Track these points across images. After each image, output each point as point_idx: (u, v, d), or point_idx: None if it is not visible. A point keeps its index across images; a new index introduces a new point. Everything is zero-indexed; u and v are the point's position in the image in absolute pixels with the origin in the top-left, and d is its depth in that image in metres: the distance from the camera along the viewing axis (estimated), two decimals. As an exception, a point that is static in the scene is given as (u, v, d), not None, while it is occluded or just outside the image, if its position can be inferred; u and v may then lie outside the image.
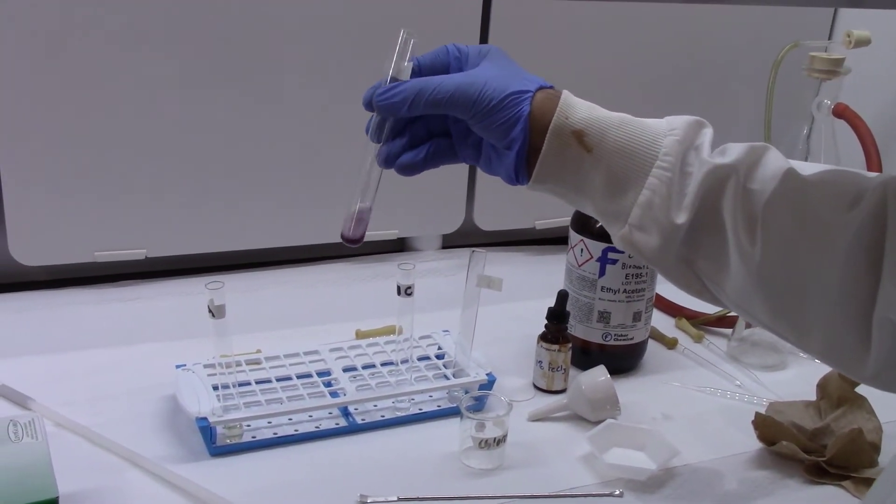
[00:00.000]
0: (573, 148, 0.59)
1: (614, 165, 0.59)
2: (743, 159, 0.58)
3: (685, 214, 0.57)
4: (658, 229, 0.58)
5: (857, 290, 0.54)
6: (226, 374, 0.83)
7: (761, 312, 0.59)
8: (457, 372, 0.91)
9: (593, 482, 0.81)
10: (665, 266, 0.60)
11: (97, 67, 1.05)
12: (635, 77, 1.33)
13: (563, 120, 0.59)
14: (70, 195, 1.09)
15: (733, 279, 0.58)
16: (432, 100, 0.59)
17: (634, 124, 0.59)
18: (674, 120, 0.60)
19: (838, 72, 1.18)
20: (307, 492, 0.77)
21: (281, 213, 1.20)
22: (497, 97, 0.58)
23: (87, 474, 0.76)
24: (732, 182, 0.57)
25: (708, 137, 0.60)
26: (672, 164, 0.58)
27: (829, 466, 0.82)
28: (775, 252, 0.56)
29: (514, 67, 0.61)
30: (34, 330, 1.03)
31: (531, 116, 0.59)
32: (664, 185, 0.58)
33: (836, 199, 0.55)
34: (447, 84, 0.59)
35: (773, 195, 0.56)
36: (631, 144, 0.58)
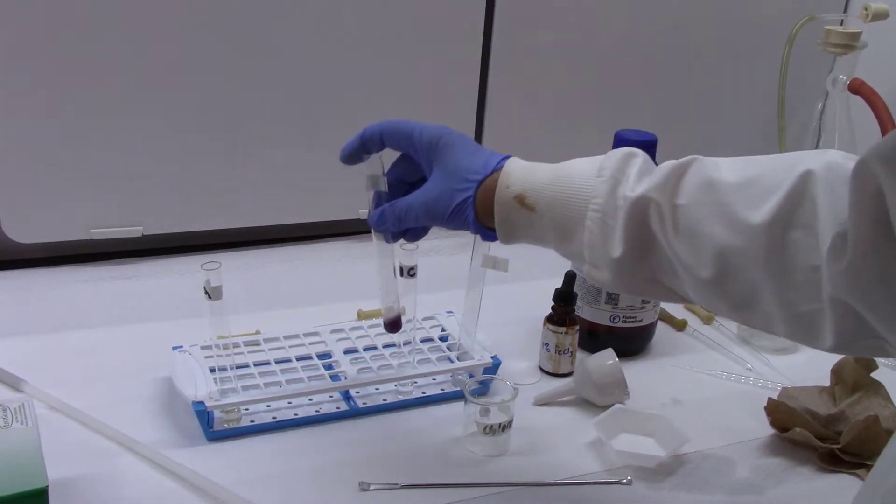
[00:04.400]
0: (519, 211, 0.67)
1: (557, 217, 0.65)
2: (668, 178, 0.62)
3: (620, 247, 0.62)
4: (605, 265, 0.64)
5: (801, 279, 0.57)
6: (223, 356, 0.81)
7: (724, 311, 0.63)
8: (461, 355, 0.89)
9: (601, 469, 0.79)
10: (625, 291, 0.67)
11: (92, 43, 1.02)
12: (648, 52, 1.30)
13: (504, 189, 0.67)
14: (65, 171, 1.07)
15: (689, 287, 0.62)
16: (406, 221, 0.71)
17: (565, 175, 0.66)
18: (606, 160, 0.65)
19: (854, 46, 1.15)
20: (307, 478, 0.75)
21: (282, 190, 1.18)
22: (446, 213, 0.68)
23: (79, 459, 0.75)
24: (654, 206, 0.62)
25: (636, 168, 0.64)
26: (601, 204, 0.63)
27: (843, 454, 0.80)
28: (712, 260, 0.59)
29: (457, 164, 0.68)
30: (28, 309, 1.02)
31: (477, 208, 0.68)
32: (597, 226, 0.63)
33: (756, 199, 0.58)
34: (412, 209, 0.70)
35: (700, 206, 0.60)
36: (565, 196, 0.65)
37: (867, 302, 0.53)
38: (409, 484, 0.75)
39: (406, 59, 1.18)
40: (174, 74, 1.07)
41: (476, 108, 1.23)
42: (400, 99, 1.19)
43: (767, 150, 1.34)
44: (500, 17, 1.19)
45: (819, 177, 0.56)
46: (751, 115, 1.39)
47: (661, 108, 1.34)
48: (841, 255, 0.53)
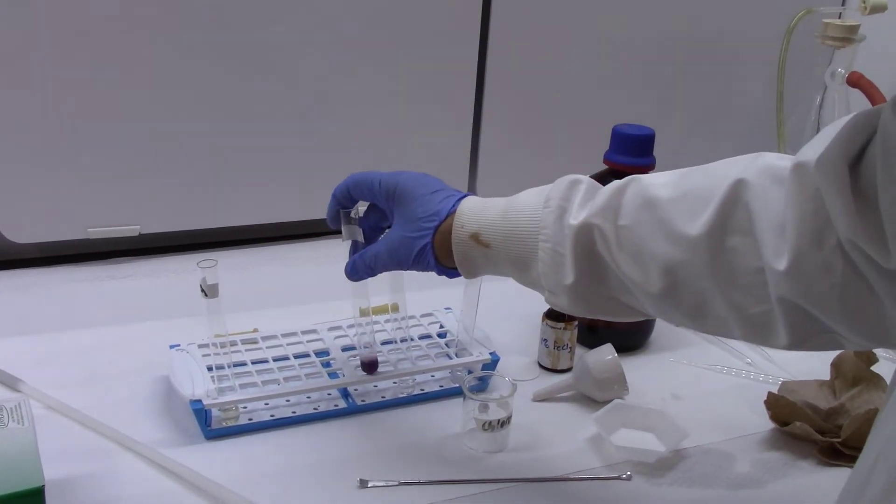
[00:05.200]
0: (475, 248, 0.69)
1: (511, 251, 0.67)
2: (608, 202, 0.63)
3: (571, 273, 0.64)
4: (561, 291, 0.66)
5: (746, 282, 0.58)
6: (221, 354, 0.81)
7: (681, 320, 0.64)
8: (459, 351, 0.88)
9: (600, 465, 0.78)
10: (587, 314, 0.67)
11: (88, 42, 1.01)
12: (646, 46, 1.30)
13: (459, 230, 0.69)
14: (61, 170, 1.06)
15: (644, 302, 0.64)
16: (377, 268, 0.75)
17: (515, 210, 0.67)
18: (552, 189, 0.67)
19: (853, 39, 1.15)
20: (306, 475, 0.75)
21: (279, 188, 1.17)
22: (409, 260, 0.71)
23: (76, 459, 0.74)
24: (597, 230, 0.63)
25: (580, 195, 0.65)
26: (550, 234, 0.65)
27: (844, 448, 0.80)
28: (662, 275, 0.60)
29: (414, 213, 0.71)
30: (25, 309, 1.01)
31: (436, 252, 0.70)
32: (549, 256, 0.65)
33: (692, 211, 0.59)
34: (379, 259, 0.74)
35: (641, 225, 0.62)
36: (516, 229, 0.67)
37: (812, 299, 0.54)
38: (408, 481, 0.74)
39: (403, 58, 1.17)
40: (171, 73, 1.06)
41: (473, 102, 1.23)
42: (396, 98, 1.18)
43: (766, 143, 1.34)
44: (497, 10, 1.19)
45: (751, 183, 0.57)
46: (749, 109, 1.39)
47: (659, 102, 1.33)
48: (781, 256, 0.55)
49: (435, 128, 1.22)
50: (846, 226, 0.50)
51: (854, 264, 0.52)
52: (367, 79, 1.16)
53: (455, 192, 0.72)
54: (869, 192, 0.50)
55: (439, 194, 0.71)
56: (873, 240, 0.49)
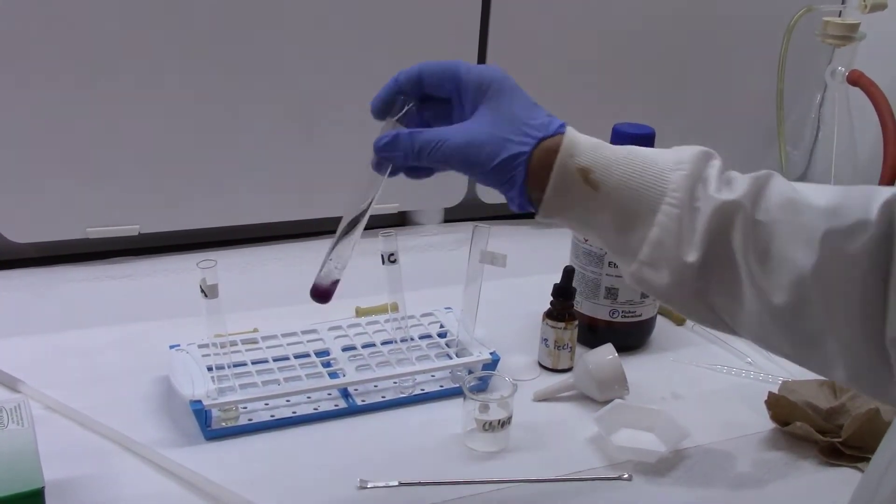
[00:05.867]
0: (578, 185, 0.58)
1: (622, 202, 0.58)
2: (749, 191, 0.57)
3: (696, 252, 0.56)
4: (668, 267, 0.57)
5: (873, 315, 0.53)
6: (221, 354, 0.81)
7: (782, 346, 0.58)
8: (460, 351, 0.88)
9: (601, 465, 0.78)
10: (677, 302, 0.59)
11: (88, 41, 1.01)
12: (646, 45, 1.30)
13: (567, 158, 0.58)
14: (61, 170, 1.06)
15: (749, 314, 0.57)
16: (430, 158, 0.61)
17: (640, 159, 0.58)
18: (681, 153, 0.59)
19: (853, 37, 1.14)
20: (305, 476, 0.75)
21: (278, 188, 1.17)
22: (490, 163, 0.59)
23: (76, 460, 0.74)
24: (740, 217, 0.56)
25: (715, 169, 0.58)
26: (680, 200, 0.57)
27: (844, 447, 0.80)
28: (790, 285, 0.54)
29: (514, 111, 0.60)
30: (24, 309, 1.01)
31: (530, 168, 0.58)
32: (673, 222, 0.57)
33: (844, 226, 0.53)
34: (445, 147, 0.60)
35: (783, 226, 0.55)
36: (638, 181, 0.57)
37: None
38: (407, 481, 0.74)
39: (404, 57, 1.16)
40: (170, 73, 1.06)
41: (473, 102, 1.23)
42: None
43: (766, 141, 1.33)
44: (497, 9, 1.19)
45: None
46: (749, 107, 1.39)
47: (659, 101, 1.33)
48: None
49: (435, 127, 1.22)
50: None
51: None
52: (368, 79, 1.15)
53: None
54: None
55: (542, 109, 0.61)
56: None
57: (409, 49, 1.17)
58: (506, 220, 1.30)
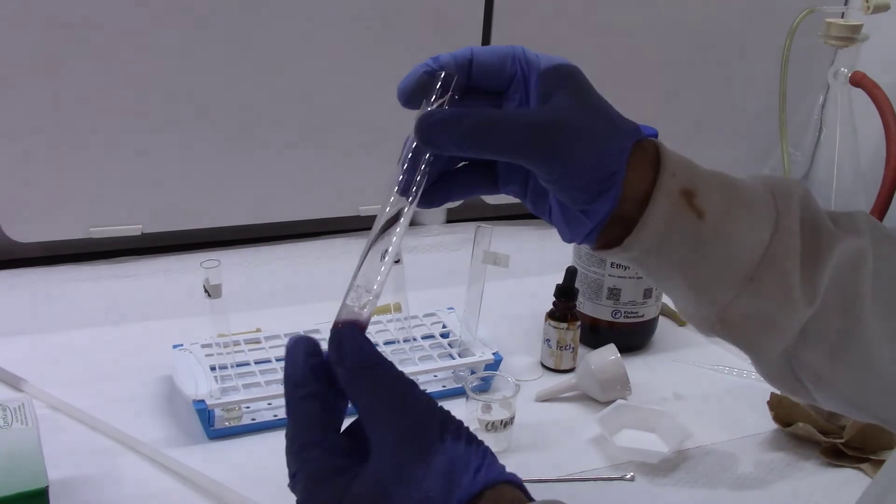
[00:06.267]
0: (685, 211, 0.45)
1: (732, 234, 0.46)
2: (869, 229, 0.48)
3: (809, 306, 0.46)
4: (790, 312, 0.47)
5: None
6: (224, 354, 0.81)
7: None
8: (462, 351, 0.88)
9: (603, 465, 0.78)
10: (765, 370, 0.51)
11: (90, 41, 1.01)
12: (648, 46, 1.30)
13: (668, 178, 0.45)
14: (64, 170, 1.06)
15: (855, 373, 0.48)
16: (500, 145, 0.43)
17: (734, 180, 0.48)
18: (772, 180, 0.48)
19: (855, 38, 1.14)
20: (308, 476, 0.75)
21: (282, 187, 1.17)
22: (589, 155, 0.44)
23: (80, 459, 0.74)
24: (869, 258, 0.47)
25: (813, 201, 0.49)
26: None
27: (846, 448, 0.80)
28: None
29: (600, 102, 0.48)
30: (28, 308, 1.01)
31: (629, 163, 0.45)
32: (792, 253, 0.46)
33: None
34: (522, 126, 0.43)
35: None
36: (747, 208, 0.46)
37: None
38: (411, 481, 0.74)
39: (405, 57, 1.17)
40: (172, 73, 1.06)
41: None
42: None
43: (769, 142, 1.33)
44: (499, 9, 1.18)
45: None
46: (752, 109, 1.39)
47: (661, 101, 1.33)
48: None
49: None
50: None
51: None
52: (371, 80, 1.16)
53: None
54: None
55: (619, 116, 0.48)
56: None
57: (410, 49, 1.17)
58: (509, 220, 1.30)
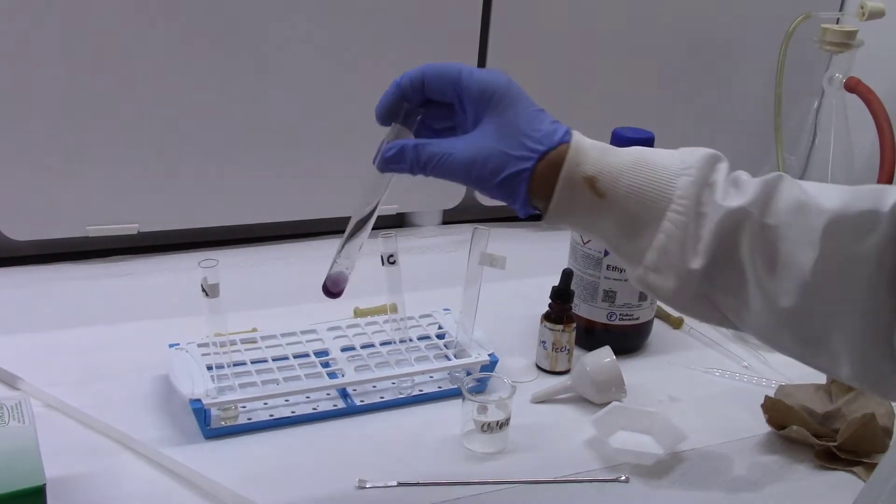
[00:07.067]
0: (586, 193, 0.58)
1: (628, 209, 0.58)
2: (758, 196, 0.57)
3: (701, 259, 0.57)
4: (674, 272, 0.57)
5: (881, 315, 0.53)
6: (220, 353, 0.81)
7: (788, 345, 0.58)
8: (458, 352, 0.88)
9: (599, 467, 0.79)
10: (682, 305, 0.60)
11: (87, 40, 1.01)
12: (645, 50, 1.30)
13: (574, 167, 0.58)
14: (61, 168, 1.06)
15: (756, 314, 0.57)
16: (434, 171, 0.61)
17: (647, 165, 0.58)
18: (687, 156, 0.59)
19: (851, 44, 1.15)
20: (304, 475, 0.75)
21: (278, 188, 1.17)
22: (494, 179, 0.59)
23: (76, 458, 0.74)
24: (748, 223, 0.56)
25: (722, 173, 0.58)
26: (686, 206, 0.57)
27: (840, 451, 0.80)
28: (797, 288, 0.55)
29: (517, 122, 0.59)
30: (24, 307, 1.01)
31: (533, 182, 0.59)
32: (678, 229, 0.57)
33: (854, 228, 0.54)
34: (450, 161, 0.60)
35: (792, 230, 0.55)
36: (644, 187, 0.58)
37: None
38: (406, 481, 0.74)
39: (403, 57, 1.17)
40: (170, 72, 1.06)
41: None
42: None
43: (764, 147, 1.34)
44: (497, 13, 1.19)
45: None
46: (747, 113, 1.39)
47: (658, 106, 1.34)
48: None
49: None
50: None
51: None
52: (368, 80, 1.16)
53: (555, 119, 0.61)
54: None
55: (546, 115, 0.60)
56: None
57: (409, 50, 1.17)
58: (505, 222, 1.31)
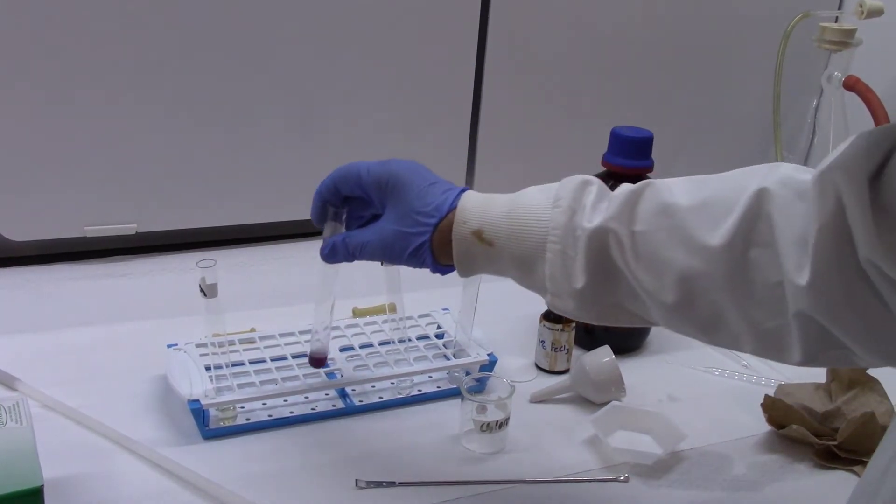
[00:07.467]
0: (477, 246, 0.66)
1: (516, 251, 0.65)
2: (622, 207, 0.61)
3: (582, 277, 0.62)
4: (567, 294, 0.63)
5: (764, 296, 0.57)
6: (219, 354, 0.81)
7: (690, 333, 0.62)
8: (457, 352, 0.88)
9: (598, 466, 0.78)
10: (591, 319, 0.65)
11: (85, 40, 1.01)
12: (644, 49, 1.30)
13: (461, 226, 0.66)
14: (59, 168, 1.06)
15: (653, 311, 0.62)
16: (362, 257, 0.71)
17: (522, 208, 0.65)
18: (560, 189, 0.64)
19: (849, 43, 1.15)
20: (303, 476, 0.75)
21: (277, 187, 1.17)
22: (403, 255, 0.68)
23: (74, 458, 0.74)
24: (614, 236, 0.61)
25: (592, 196, 0.63)
26: (560, 235, 0.63)
27: (839, 451, 0.80)
28: (676, 284, 0.59)
29: (410, 204, 0.67)
30: (21, 307, 1.01)
31: (434, 249, 0.67)
32: (557, 257, 0.63)
33: (713, 221, 0.58)
34: (368, 248, 0.70)
35: (659, 232, 0.60)
36: (522, 229, 0.64)
37: (832, 316, 0.53)
38: (405, 481, 0.74)
39: (402, 57, 1.17)
40: (168, 72, 1.06)
41: (471, 104, 1.23)
42: (395, 97, 1.18)
43: (763, 146, 1.34)
44: (496, 11, 1.19)
45: (774, 194, 0.56)
46: (746, 112, 1.39)
47: (657, 105, 1.34)
48: (803, 271, 0.53)
49: (433, 129, 1.22)
50: (865, 244, 0.49)
51: (873, 283, 0.51)
52: (365, 78, 1.16)
53: (451, 185, 0.69)
54: (891, 210, 0.48)
55: (437, 187, 0.68)
56: (894, 261, 0.48)
57: (409, 49, 1.17)
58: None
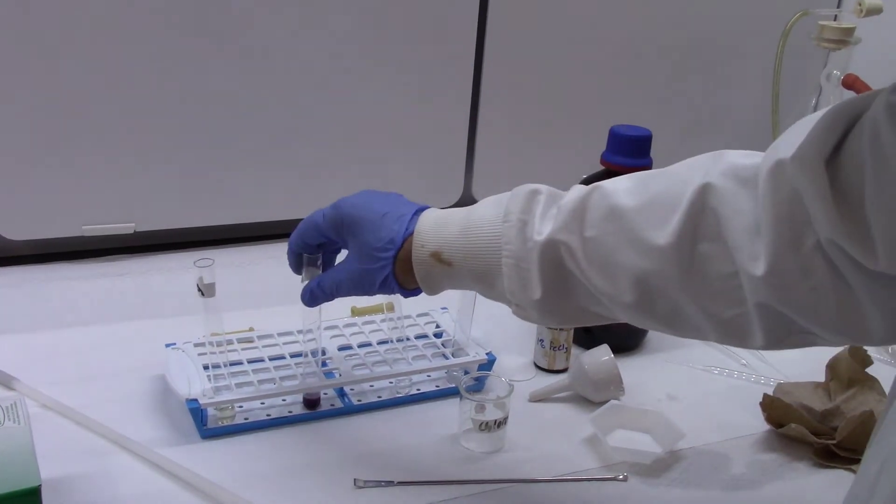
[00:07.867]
0: (437, 267, 0.67)
1: (474, 268, 0.66)
2: (571, 215, 0.62)
3: (538, 288, 0.63)
4: (529, 305, 0.64)
5: (719, 288, 0.57)
6: (217, 353, 0.81)
7: (657, 328, 0.63)
8: (456, 351, 0.88)
9: (597, 465, 0.78)
10: (559, 324, 0.68)
11: (84, 39, 1.01)
12: (643, 48, 1.30)
13: (419, 249, 0.67)
14: (57, 167, 1.06)
15: (617, 312, 0.63)
16: (338, 295, 0.73)
17: (475, 226, 0.65)
18: (511, 201, 0.65)
19: (848, 41, 1.15)
20: (302, 475, 0.75)
21: (275, 187, 1.17)
22: (373, 289, 0.70)
23: (72, 458, 0.74)
24: (563, 246, 0.62)
25: (540, 206, 0.64)
26: (512, 250, 0.63)
27: (839, 449, 0.80)
28: (631, 285, 0.59)
29: (366, 241, 0.69)
30: (19, 307, 1.01)
31: (398, 277, 0.68)
32: (513, 271, 0.63)
33: (659, 220, 0.58)
34: (341, 288, 0.72)
35: (608, 236, 0.60)
36: (477, 247, 0.65)
37: (791, 302, 0.53)
38: (404, 481, 0.74)
39: (401, 57, 1.17)
40: (166, 71, 1.06)
41: (470, 103, 1.23)
42: (393, 97, 1.18)
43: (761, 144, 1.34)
44: (494, 10, 1.19)
45: (717, 187, 0.56)
46: (745, 111, 1.39)
47: (655, 103, 1.33)
48: (757, 261, 0.53)
49: (432, 128, 1.22)
50: (826, 226, 0.49)
51: (834, 265, 0.51)
52: (364, 78, 1.16)
53: (406, 208, 0.70)
54: (850, 190, 0.48)
55: (389, 217, 0.69)
56: (857, 240, 0.48)
57: (408, 49, 1.17)
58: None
